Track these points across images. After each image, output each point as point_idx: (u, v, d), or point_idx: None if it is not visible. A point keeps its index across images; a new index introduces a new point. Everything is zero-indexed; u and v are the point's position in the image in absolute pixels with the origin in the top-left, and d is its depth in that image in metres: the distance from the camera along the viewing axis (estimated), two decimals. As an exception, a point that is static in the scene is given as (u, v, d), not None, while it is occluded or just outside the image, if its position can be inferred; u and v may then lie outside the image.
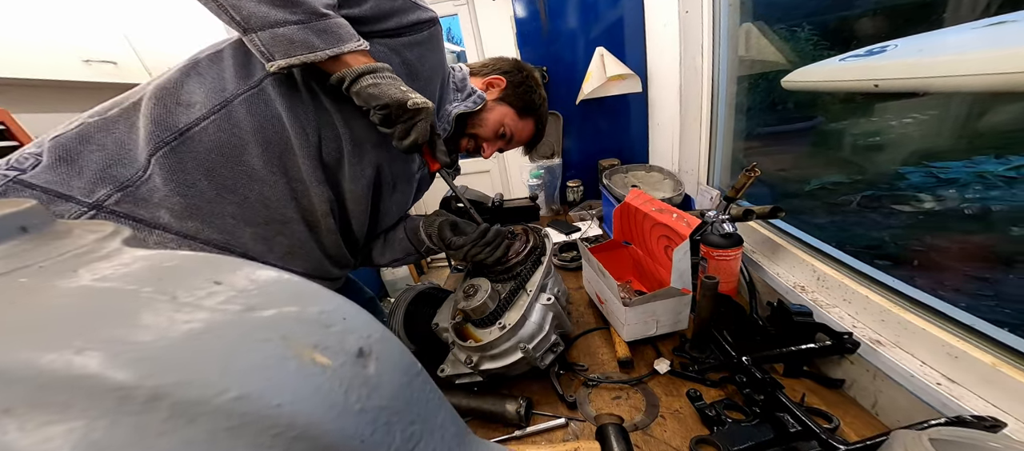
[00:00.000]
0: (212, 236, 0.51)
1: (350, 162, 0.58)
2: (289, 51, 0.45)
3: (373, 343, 0.15)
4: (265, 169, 0.52)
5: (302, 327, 0.14)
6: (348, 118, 0.55)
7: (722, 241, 0.70)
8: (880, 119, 0.72)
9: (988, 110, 0.56)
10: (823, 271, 0.65)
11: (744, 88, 1.04)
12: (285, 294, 0.15)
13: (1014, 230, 0.54)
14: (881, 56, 0.57)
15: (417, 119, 0.52)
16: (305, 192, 0.56)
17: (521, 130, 0.78)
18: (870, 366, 0.49)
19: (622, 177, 1.32)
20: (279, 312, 0.14)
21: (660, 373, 0.64)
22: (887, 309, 0.52)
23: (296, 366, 0.13)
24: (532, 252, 0.71)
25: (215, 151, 0.49)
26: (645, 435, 0.54)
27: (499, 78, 0.74)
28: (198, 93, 0.49)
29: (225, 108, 0.48)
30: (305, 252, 0.61)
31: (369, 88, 0.48)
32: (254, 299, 0.14)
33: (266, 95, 0.50)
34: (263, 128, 0.50)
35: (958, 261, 0.57)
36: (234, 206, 0.52)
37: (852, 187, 0.80)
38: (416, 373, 0.17)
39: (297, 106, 0.51)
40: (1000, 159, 0.54)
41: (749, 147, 1.08)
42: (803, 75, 0.72)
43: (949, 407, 0.41)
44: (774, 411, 0.50)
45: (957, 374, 0.43)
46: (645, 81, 1.44)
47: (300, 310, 0.14)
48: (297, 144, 0.52)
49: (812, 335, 0.56)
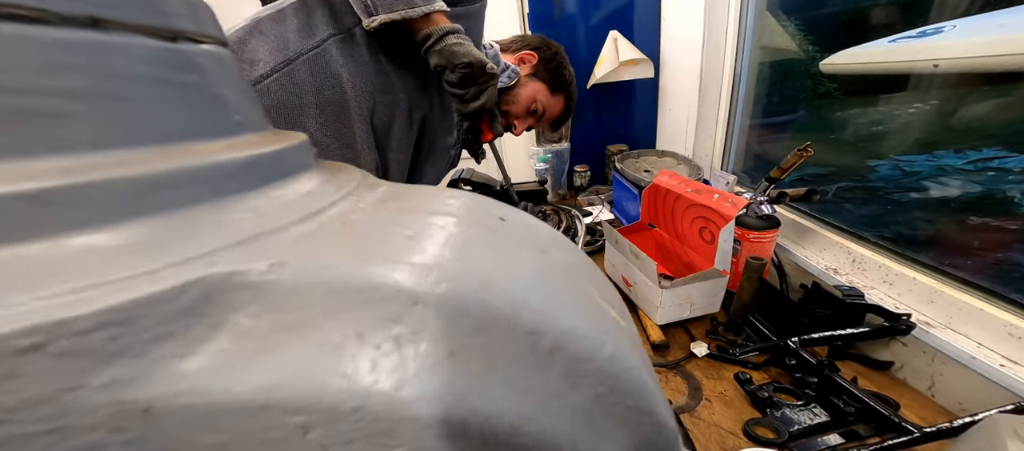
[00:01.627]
0: None
1: (400, 128, 0.56)
2: (392, 5, 0.45)
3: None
4: (321, 132, 0.50)
5: (585, 270, 0.12)
6: (406, 83, 0.54)
7: (760, 223, 0.68)
8: (883, 110, 0.72)
9: (959, 108, 0.58)
10: (860, 253, 0.65)
11: (762, 75, 1.03)
12: (541, 230, 0.13)
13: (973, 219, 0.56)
14: (937, 37, 0.56)
15: (490, 83, 0.53)
16: (354, 159, 0.54)
17: (553, 106, 0.77)
18: (926, 347, 0.49)
19: (634, 161, 1.29)
20: (566, 257, 0.12)
21: (698, 356, 0.63)
22: (937, 290, 0.52)
23: (613, 320, 0.10)
24: (565, 234, 0.68)
25: (275, 110, 0.47)
26: (693, 418, 0.52)
27: (530, 53, 0.73)
28: (262, 51, 0.47)
29: (288, 67, 0.47)
30: None
31: (454, 46, 0.48)
32: (540, 239, 0.12)
33: (328, 55, 0.49)
34: (322, 89, 0.49)
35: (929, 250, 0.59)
36: None
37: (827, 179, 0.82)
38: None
39: (358, 68, 0.51)
40: (958, 154, 0.58)
41: (762, 133, 1.08)
42: (847, 57, 0.71)
43: (1018, 389, 0.40)
44: (828, 394, 0.49)
45: (1020, 355, 0.43)
46: (657, 66, 1.41)
47: (569, 254, 0.12)
48: (354, 107, 0.51)
49: (861, 317, 0.56)
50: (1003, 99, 0.54)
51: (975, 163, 0.56)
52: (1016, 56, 0.48)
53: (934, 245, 0.62)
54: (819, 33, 0.86)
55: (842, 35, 0.77)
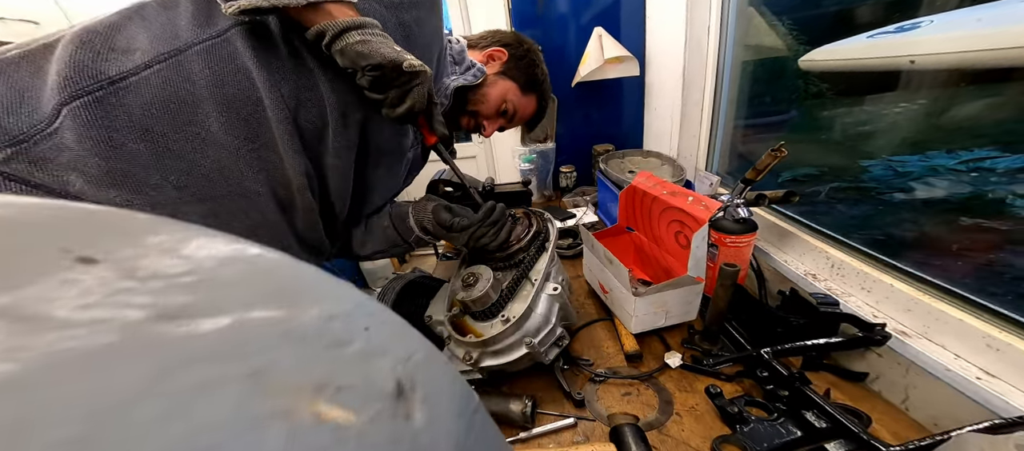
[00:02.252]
0: (144, 211, 0.41)
1: (335, 132, 0.49)
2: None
3: (415, 370, 0.09)
4: (224, 132, 0.43)
5: (293, 349, 0.07)
6: (334, 81, 0.47)
7: (736, 226, 0.66)
8: (872, 109, 0.70)
9: (950, 107, 0.56)
10: (838, 258, 0.63)
11: (746, 73, 1.01)
12: (254, 284, 0.08)
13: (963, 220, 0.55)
14: (914, 32, 0.54)
15: (413, 83, 0.45)
16: (277, 163, 0.48)
17: (524, 107, 0.73)
18: (901, 359, 0.47)
19: (619, 162, 1.27)
20: (241, 320, 0.07)
21: (671, 367, 0.61)
22: (915, 298, 0.50)
23: (283, 437, 0.06)
24: (535, 238, 0.65)
25: (157, 106, 0.40)
26: (661, 434, 0.50)
27: (500, 50, 0.68)
28: (141, 39, 0.40)
29: (175, 57, 0.40)
30: (271, 234, 0.52)
31: (356, 46, 0.41)
32: (182, 295, 0.07)
33: (231, 46, 0.42)
34: (224, 84, 0.42)
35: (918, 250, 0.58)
36: (179, 174, 0.43)
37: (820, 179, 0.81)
38: (475, 410, 0.11)
39: (272, 62, 0.43)
40: (950, 154, 0.56)
41: (747, 133, 1.06)
42: (826, 54, 0.68)
43: (992, 404, 0.38)
44: (799, 408, 0.47)
45: (998, 368, 0.41)
46: (643, 64, 1.39)
47: (286, 316, 0.08)
48: (269, 105, 0.44)
49: (835, 326, 0.53)
50: (994, 99, 0.53)
51: (967, 163, 0.55)
52: (992, 52, 0.46)
53: (923, 247, 0.60)
54: (810, 30, 0.84)
55: (831, 32, 0.75)
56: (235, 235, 0.38)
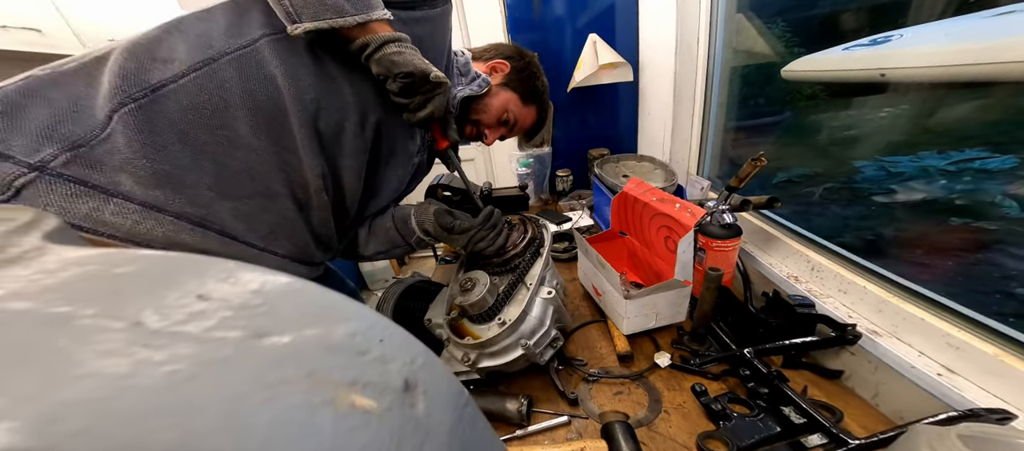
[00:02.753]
0: (185, 209, 0.45)
1: (352, 133, 0.54)
2: (319, 13, 0.43)
3: (418, 371, 0.12)
4: (252, 135, 0.47)
5: (332, 358, 0.10)
6: (357, 86, 0.52)
7: (722, 231, 0.69)
8: (850, 114, 0.73)
9: (938, 109, 0.58)
10: (818, 261, 0.66)
11: (735, 79, 1.04)
12: (301, 309, 0.11)
13: (954, 220, 0.57)
14: (886, 45, 0.57)
15: (436, 92, 0.52)
16: (297, 164, 0.51)
17: (524, 117, 0.76)
18: (871, 357, 0.50)
19: (613, 166, 1.30)
20: (299, 337, 0.10)
21: (661, 367, 0.64)
22: (885, 299, 0.53)
23: (333, 418, 0.09)
24: (531, 243, 0.68)
25: (192, 111, 0.43)
26: (650, 431, 0.53)
27: (503, 63, 0.72)
28: (179, 49, 0.44)
29: (209, 65, 0.44)
30: (291, 231, 0.55)
31: (393, 56, 0.47)
32: (262, 320, 0.10)
33: (260, 56, 0.46)
34: (254, 91, 0.46)
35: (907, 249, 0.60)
36: (212, 176, 0.46)
37: (815, 179, 0.83)
38: (465, 403, 0.14)
39: (298, 69, 0.48)
40: (941, 154, 0.58)
41: (736, 138, 1.09)
42: (805, 64, 0.71)
43: (950, 398, 0.41)
44: (778, 404, 0.50)
45: (957, 365, 0.44)
46: (636, 70, 1.42)
47: (325, 332, 0.11)
48: (293, 110, 0.48)
49: (812, 326, 0.57)
50: (983, 100, 0.55)
51: (958, 164, 0.57)
52: (956, 67, 0.49)
53: (913, 246, 0.62)
54: (799, 35, 0.86)
55: (819, 37, 0.77)
56: (263, 230, 0.47)
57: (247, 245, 0.51)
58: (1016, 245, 0.50)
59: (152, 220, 0.43)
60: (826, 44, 0.72)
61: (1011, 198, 0.50)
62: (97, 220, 0.40)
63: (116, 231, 0.42)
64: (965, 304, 0.48)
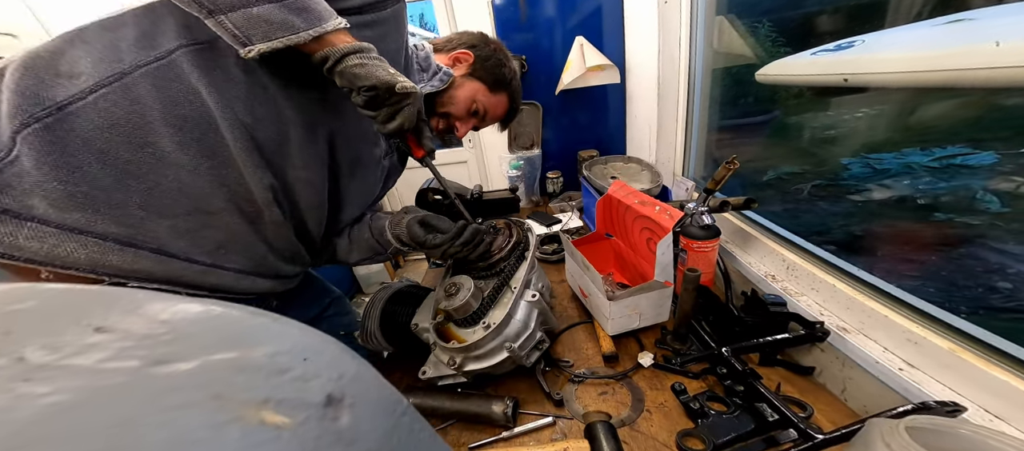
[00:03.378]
0: (110, 229, 0.43)
1: (299, 143, 0.51)
2: (269, 33, 0.40)
3: (345, 385, 0.13)
4: (180, 151, 0.45)
5: (244, 378, 0.11)
6: (297, 97, 0.49)
7: (701, 233, 0.71)
8: (834, 113, 0.75)
9: (919, 107, 0.60)
10: (793, 260, 0.68)
11: (717, 80, 1.06)
12: (216, 335, 0.12)
13: (937, 215, 0.58)
14: (849, 51, 0.59)
15: (404, 103, 0.49)
16: (238, 179, 0.49)
17: (495, 106, 0.74)
18: (839, 353, 0.52)
19: (602, 168, 1.32)
20: (205, 362, 0.11)
21: (644, 367, 0.65)
22: (852, 297, 0.55)
23: (238, 435, 0.10)
24: (515, 247, 0.69)
25: (109, 130, 0.41)
26: (632, 430, 0.55)
27: (466, 52, 0.70)
28: (84, 63, 0.41)
29: (121, 80, 0.41)
30: (242, 246, 0.53)
31: (355, 68, 0.45)
32: (164, 347, 0.11)
33: (178, 69, 0.43)
34: (176, 105, 0.43)
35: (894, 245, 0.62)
36: (141, 194, 0.44)
37: (803, 177, 0.85)
38: (402, 412, 0.15)
39: (223, 82, 0.45)
40: (924, 151, 0.59)
41: (720, 139, 1.11)
42: (777, 68, 0.73)
43: (911, 392, 0.43)
44: (753, 401, 0.52)
45: (917, 359, 0.46)
46: (623, 72, 1.44)
47: (240, 355, 0.11)
48: (224, 124, 0.46)
49: (785, 324, 0.59)
50: (961, 99, 0.56)
51: (940, 160, 0.58)
52: (911, 74, 0.51)
53: (895, 242, 0.64)
54: (781, 36, 0.87)
55: (799, 38, 0.78)
56: (209, 246, 0.46)
57: (191, 262, 0.49)
58: (996, 239, 0.51)
59: (73, 243, 0.41)
60: (813, 45, 0.73)
61: (992, 193, 0.52)
62: (11, 245, 0.39)
63: (34, 255, 0.40)
64: (946, 299, 0.49)
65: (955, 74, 0.49)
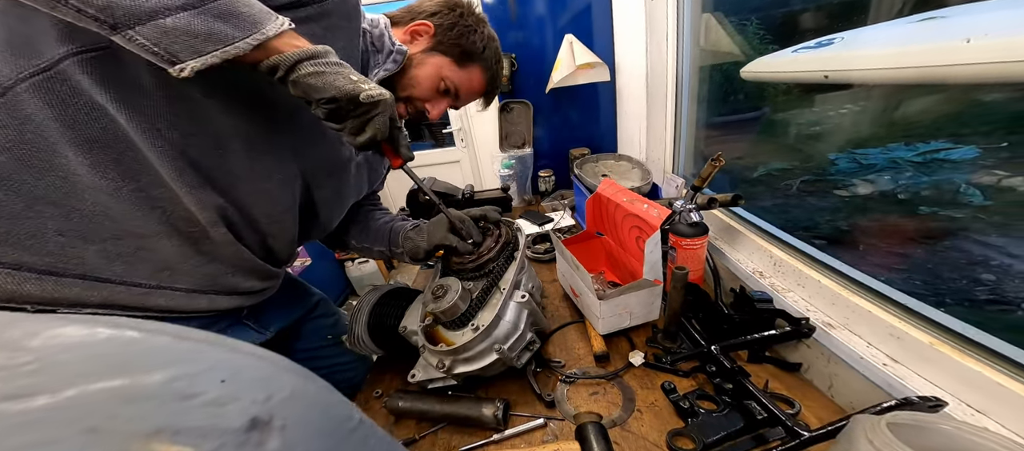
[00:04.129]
0: (24, 259, 0.39)
1: (246, 157, 0.47)
2: (197, 47, 0.34)
3: (274, 406, 0.11)
4: (95, 175, 0.39)
5: (132, 408, 0.09)
6: (230, 106, 0.44)
7: (690, 230, 0.71)
8: (821, 109, 0.76)
9: (902, 103, 0.60)
10: (779, 257, 0.68)
11: (705, 78, 1.07)
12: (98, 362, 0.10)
13: (922, 209, 0.59)
14: (829, 48, 0.60)
15: (373, 113, 0.44)
16: (172, 199, 0.44)
17: (466, 81, 0.65)
18: (825, 350, 0.53)
19: (593, 166, 1.32)
20: (81, 392, 0.09)
21: (635, 366, 0.65)
22: (837, 293, 0.56)
23: None
24: (504, 247, 0.69)
25: (3, 153, 0.36)
26: (623, 431, 0.55)
27: (424, 24, 0.61)
28: None
29: (2, 97, 0.35)
30: (188, 268, 0.49)
31: (309, 78, 0.39)
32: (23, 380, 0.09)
33: (69, 80, 0.36)
34: (76, 123, 0.37)
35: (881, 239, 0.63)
36: (57, 220, 0.40)
37: (792, 173, 0.85)
38: (352, 428, 0.13)
39: (133, 96, 0.39)
40: (909, 146, 0.60)
41: (709, 136, 1.12)
42: (760, 65, 0.74)
43: (894, 387, 0.44)
44: (742, 399, 0.52)
45: (900, 354, 0.47)
46: (613, 70, 1.44)
47: (129, 383, 0.10)
48: (144, 144, 0.40)
49: (773, 321, 0.59)
50: (941, 94, 0.56)
51: (924, 155, 0.58)
52: (888, 70, 0.52)
53: (879, 236, 0.64)
54: (768, 34, 0.87)
55: (785, 35, 0.77)
56: (150, 270, 0.42)
57: (130, 285, 0.45)
58: (979, 231, 0.52)
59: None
60: (799, 42, 0.73)
61: (974, 186, 0.52)
62: None
63: None
64: (931, 292, 0.50)
65: (928, 71, 0.50)
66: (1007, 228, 0.50)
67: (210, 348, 0.12)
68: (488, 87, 0.70)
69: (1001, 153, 0.50)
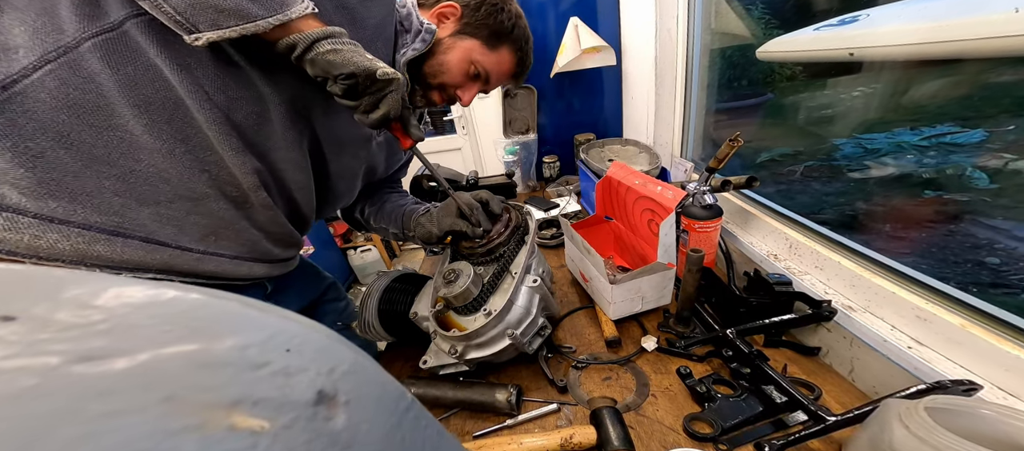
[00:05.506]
0: (92, 218, 0.40)
1: (281, 125, 0.48)
2: (218, 21, 0.35)
3: (338, 379, 0.11)
4: (149, 135, 0.41)
5: (206, 375, 0.09)
6: (272, 75, 0.46)
7: (704, 212, 0.70)
8: (827, 94, 0.74)
9: (911, 87, 0.59)
10: (795, 239, 0.67)
11: (714, 61, 1.04)
12: (169, 324, 0.09)
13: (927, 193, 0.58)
14: (853, 25, 0.57)
15: (387, 91, 0.45)
16: (219, 163, 0.46)
17: (497, 64, 0.63)
18: (846, 333, 0.51)
19: (599, 151, 1.30)
20: (155, 356, 0.09)
21: (648, 351, 0.64)
22: (858, 274, 0.54)
23: (198, 445, 0.08)
24: (515, 231, 0.67)
25: (64, 111, 0.37)
26: (638, 415, 0.54)
27: (451, 6, 0.59)
28: (18, 33, 0.35)
29: (66, 55, 0.36)
30: (233, 233, 0.51)
31: (328, 55, 0.41)
32: (96, 340, 0.08)
33: (131, 41, 0.38)
34: (135, 84, 0.39)
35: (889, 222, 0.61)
36: (115, 181, 0.41)
37: (796, 158, 0.84)
38: (406, 408, 0.13)
39: (189, 60, 0.40)
40: (914, 131, 0.58)
41: (719, 120, 1.10)
42: (778, 45, 0.71)
43: (921, 371, 0.43)
44: (760, 384, 0.51)
45: (926, 337, 0.46)
46: (619, 53, 1.41)
47: (202, 347, 0.09)
48: (194, 106, 0.42)
49: (791, 304, 0.58)
50: (951, 77, 0.55)
51: (929, 139, 0.57)
52: (919, 46, 0.50)
53: (885, 220, 0.63)
54: (777, 16, 0.85)
55: (796, 18, 0.76)
56: (198, 233, 0.42)
57: (182, 250, 0.46)
58: (984, 215, 0.51)
59: (54, 233, 0.39)
60: (803, 24, 0.72)
61: (980, 170, 0.51)
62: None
63: (15, 247, 0.38)
64: (937, 276, 0.49)
65: (970, 44, 0.47)
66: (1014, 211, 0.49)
67: (271, 316, 0.11)
68: (518, 69, 0.68)
69: (1009, 136, 0.48)
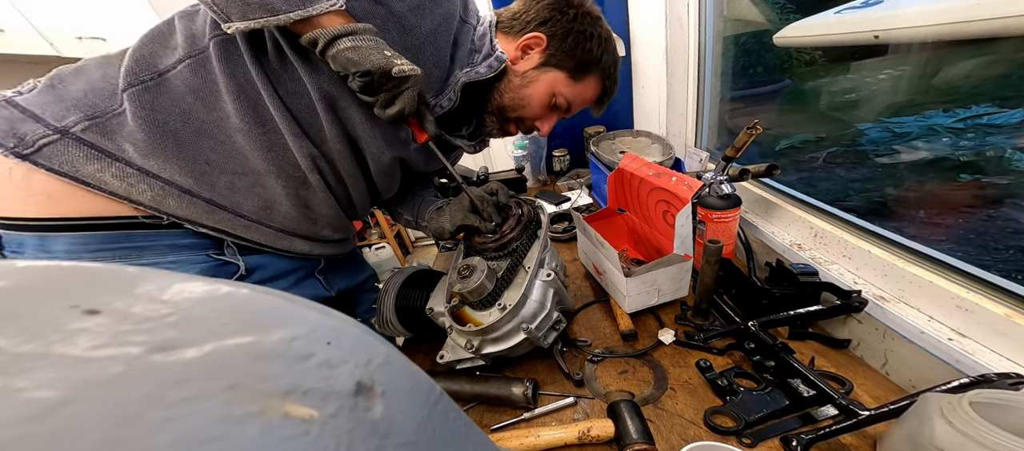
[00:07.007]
0: (175, 177, 0.50)
1: (325, 117, 0.53)
2: (246, 13, 0.41)
3: (375, 371, 0.11)
4: (239, 117, 0.50)
5: (262, 366, 0.09)
6: (314, 72, 0.50)
7: (721, 202, 0.67)
8: (851, 77, 0.71)
9: (942, 68, 0.55)
10: (820, 227, 0.64)
11: (728, 48, 1.01)
12: (226, 316, 0.10)
13: (963, 176, 0.55)
14: (878, 7, 0.54)
15: (403, 88, 0.47)
16: (284, 145, 0.53)
17: (580, 94, 0.62)
18: (879, 324, 0.49)
19: (610, 143, 1.27)
20: (218, 347, 0.09)
21: (665, 344, 0.63)
22: (891, 263, 0.52)
23: (259, 431, 0.08)
24: (527, 226, 0.66)
25: (191, 94, 0.48)
26: (657, 409, 0.53)
27: (536, 37, 0.57)
28: (178, 38, 0.49)
29: (201, 54, 0.48)
30: (288, 208, 0.58)
31: (347, 52, 0.43)
32: (168, 332, 0.09)
33: (236, 41, 0.48)
34: (234, 74, 0.49)
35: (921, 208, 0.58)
36: (210, 151, 0.51)
37: (817, 145, 0.80)
38: (435, 401, 0.13)
39: (261, 57, 0.49)
40: (948, 113, 0.55)
41: (734, 107, 1.07)
42: (797, 30, 0.68)
43: (963, 364, 0.40)
44: (786, 377, 0.49)
45: (968, 328, 0.43)
46: (628, 43, 1.37)
47: (256, 339, 0.10)
48: (266, 93, 0.50)
49: (817, 295, 0.56)
50: (987, 56, 0.51)
51: (965, 121, 0.54)
52: (948, 25, 0.47)
53: (918, 207, 0.60)
54: (797, 0, 0.82)
55: (810, 3, 0.73)
56: (255, 206, 0.50)
57: (238, 216, 0.54)
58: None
59: (144, 184, 0.48)
60: (821, 8, 0.69)
61: (1022, 151, 0.49)
62: (100, 179, 0.46)
63: (115, 190, 0.47)
64: (976, 263, 0.46)
65: (1008, 22, 0.44)
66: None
67: (311, 310, 0.12)
68: (602, 95, 0.66)
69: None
